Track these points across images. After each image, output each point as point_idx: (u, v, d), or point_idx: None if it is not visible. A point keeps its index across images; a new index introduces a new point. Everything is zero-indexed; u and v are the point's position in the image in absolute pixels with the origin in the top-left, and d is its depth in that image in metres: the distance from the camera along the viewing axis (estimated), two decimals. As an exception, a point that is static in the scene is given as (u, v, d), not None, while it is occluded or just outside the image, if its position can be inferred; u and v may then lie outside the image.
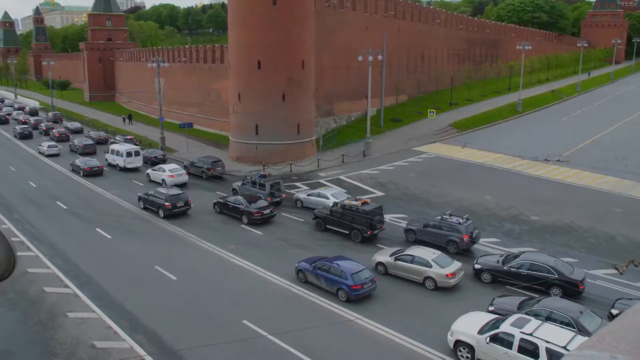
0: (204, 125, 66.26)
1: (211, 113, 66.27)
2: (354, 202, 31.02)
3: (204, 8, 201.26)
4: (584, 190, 40.81)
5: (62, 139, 63.32)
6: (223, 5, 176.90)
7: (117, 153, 49.40)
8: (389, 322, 21.27)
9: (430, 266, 24.15)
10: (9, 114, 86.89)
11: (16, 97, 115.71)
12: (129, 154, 48.70)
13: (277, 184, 37.64)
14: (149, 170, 45.34)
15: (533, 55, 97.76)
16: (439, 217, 29.85)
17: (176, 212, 35.21)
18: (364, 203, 30.87)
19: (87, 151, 55.25)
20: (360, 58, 53.37)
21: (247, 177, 39.74)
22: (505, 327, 18.10)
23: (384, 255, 26.24)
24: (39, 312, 22.55)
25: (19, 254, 27.17)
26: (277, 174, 45.47)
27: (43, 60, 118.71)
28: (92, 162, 48.86)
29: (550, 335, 17.33)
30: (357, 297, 23.08)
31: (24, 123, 75.48)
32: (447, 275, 23.86)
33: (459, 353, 18.84)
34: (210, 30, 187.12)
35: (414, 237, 29.86)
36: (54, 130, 67.32)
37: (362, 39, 61.28)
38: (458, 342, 18.84)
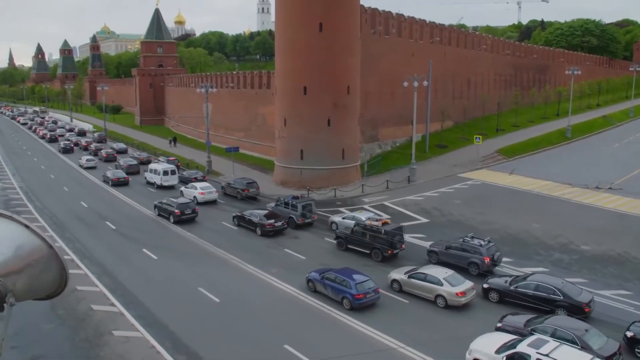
0: (250, 149, 67.28)
1: (257, 137, 67.27)
2: (374, 222, 32.12)
3: (252, 35, 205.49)
4: (637, 219, 39.48)
5: (109, 159, 68.06)
6: (270, 32, 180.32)
7: (155, 172, 52.74)
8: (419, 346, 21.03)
9: (442, 284, 24.82)
10: (61, 135, 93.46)
11: (71, 121, 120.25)
12: (165, 173, 51.89)
13: (308, 205, 38.72)
14: (182, 188, 48.07)
15: (583, 80, 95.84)
16: (461, 239, 30.21)
17: (184, 218, 39.49)
18: (384, 223, 31.95)
19: (131, 171, 58.48)
20: (405, 84, 53.49)
21: (280, 199, 40.74)
22: (522, 347, 18.39)
23: (399, 273, 27.03)
24: (86, 329, 23.21)
25: (69, 271, 27.87)
26: (321, 199, 45.70)
27: (98, 86, 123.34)
28: (119, 173, 55.67)
29: (566, 357, 17.54)
30: (360, 306, 24.49)
31: (85, 148, 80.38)
32: (457, 294, 24.45)
33: None
34: (258, 56, 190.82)
35: (437, 258, 30.20)
36: (102, 151, 71.74)
37: (407, 65, 61.45)
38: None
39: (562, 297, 23.68)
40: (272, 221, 36.33)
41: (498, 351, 18.97)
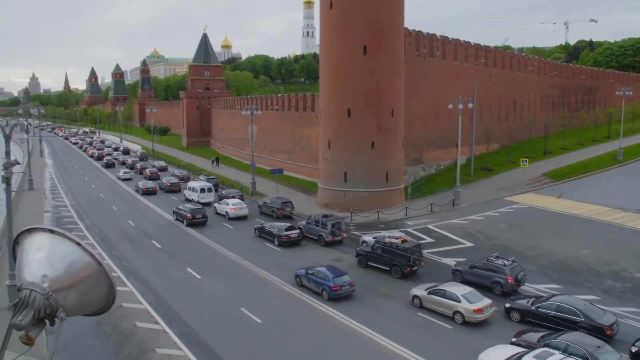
0: (294, 171, 67.70)
1: (301, 159, 67.70)
2: (394, 240, 32.92)
3: (297, 58, 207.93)
4: (694, 246, 37.82)
5: (153, 177, 71.26)
6: (315, 55, 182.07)
7: (193, 189, 55.38)
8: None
9: (460, 301, 25.40)
10: (109, 154, 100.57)
11: (121, 141, 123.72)
12: (202, 190, 54.48)
13: (338, 223, 39.96)
14: (216, 204, 51.03)
15: (635, 101, 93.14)
16: (485, 259, 30.52)
17: (195, 222, 45.26)
18: (404, 241, 32.73)
19: (173, 189, 61.73)
20: (450, 106, 53.14)
21: (311, 217, 41.93)
22: (528, 359, 18.86)
23: (420, 290, 27.78)
24: (130, 345, 23.56)
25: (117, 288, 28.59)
26: (364, 221, 45.54)
27: (147, 108, 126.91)
28: (148, 183, 63.06)
29: None
30: (336, 297, 28.27)
31: (123, 163, 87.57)
32: (474, 311, 24.95)
33: None
34: (302, 79, 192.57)
35: (461, 277, 30.54)
36: (146, 170, 75.18)
37: (451, 87, 61.07)
38: None
39: (583, 319, 23.56)
40: (288, 232, 39.33)
41: None
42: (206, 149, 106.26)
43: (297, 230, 40.23)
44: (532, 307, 25.19)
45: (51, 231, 3.18)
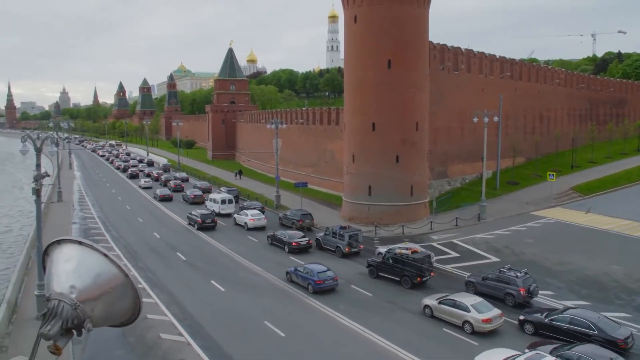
0: (318, 184, 67.79)
1: (325, 173, 67.79)
2: (404, 251, 33.65)
3: (321, 72, 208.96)
4: None
5: (177, 189, 73.12)
6: (339, 69, 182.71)
7: (214, 201, 56.65)
8: None
9: (469, 311, 25.73)
10: (134, 165, 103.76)
11: (148, 154, 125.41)
12: (223, 202, 55.74)
13: (355, 235, 40.55)
14: (235, 215, 52.20)
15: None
16: (498, 271, 30.78)
17: (205, 226, 48.93)
18: (414, 252, 33.49)
19: (197, 201, 62.48)
20: (475, 119, 52.85)
21: (328, 229, 42.57)
22: None
23: (431, 299, 28.18)
24: (155, 357, 23.70)
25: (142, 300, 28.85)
26: (389, 235, 45.33)
27: (173, 121, 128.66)
28: (165, 190, 68.96)
29: None
30: (320, 290, 31.39)
31: (148, 175, 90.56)
32: (482, 320, 25.24)
33: None
34: (327, 93, 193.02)
35: (474, 289, 30.75)
36: (170, 182, 77.32)
37: (477, 100, 60.76)
38: None
39: (596, 332, 23.46)
40: (297, 240, 41.25)
41: None
42: (231, 162, 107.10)
43: (306, 238, 41.96)
44: (546, 320, 25.22)
45: (80, 243, 3.24)
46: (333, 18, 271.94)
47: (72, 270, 3.15)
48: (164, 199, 66.31)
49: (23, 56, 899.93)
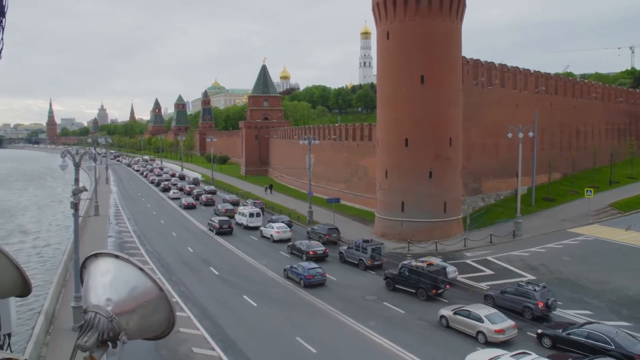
0: (351, 200, 67.66)
1: (358, 189, 67.64)
2: (420, 264, 34.34)
3: (354, 88, 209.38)
4: None
5: (208, 203, 76.90)
6: (372, 85, 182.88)
7: (243, 214, 59.28)
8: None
9: (482, 321, 26.38)
10: (167, 179, 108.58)
11: (182, 170, 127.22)
12: (251, 215, 58.26)
13: (378, 248, 41.39)
14: (262, 227, 54.88)
15: None
16: (516, 284, 31.21)
17: (222, 231, 54.36)
18: (429, 264, 34.08)
19: (228, 214, 63.75)
20: (509, 135, 52.19)
21: (352, 242, 43.59)
22: (505, 358, 21.34)
23: (447, 310, 28.89)
24: (188, 372, 23.77)
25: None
26: (422, 252, 44.89)
27: (207, 137, 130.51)
28: (189, 199, 76.04)
29: None
30: (310, 284, 35.78)
31: (181, 189, 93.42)
32: (495, 331, 25.81)
33: None
34: (359, 109, 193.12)
35: (493, 302, 30.96)
36: (202, 197, 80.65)
37: (511, 116, 60.10)
38: None
39: (613, 347, 23.32)
40: (314, 249, 43.80)
41: None
42: (264, 178, 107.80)
43: (323, 248, 44.46)
44: (563, 334, 25.31)
45: (116, 256, 3.30)
46: (365, 34, 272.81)
47: (108, 283, 3.20)
48: (188, 207, 73.57)
49: (64, 74, 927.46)
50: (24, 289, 4.04)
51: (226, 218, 57.62)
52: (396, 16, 49.01)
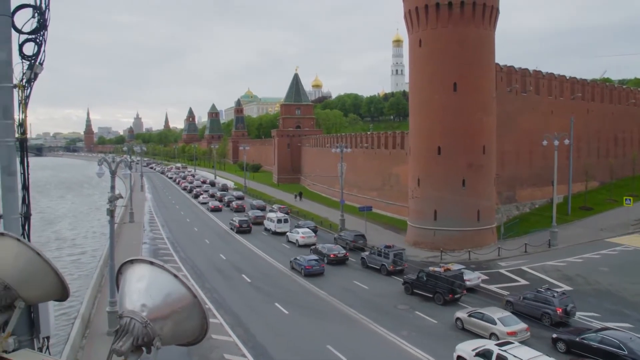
0: (383, 209, 67.36)
1: (390, 197, 67.32)
2: (437, 269, 35.34)
3: (386, 96, 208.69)
4: None
5: (239, 209, 78.48)
6: (404, 93, 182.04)
7: (271, 220, 61.40)
8: None
9: (495, 323, 27.22)
10: (198, 186, 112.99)
11: (215, 177, 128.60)
12: (279, 221, 60.03)
13: (399, 254, 42.42)
14: (288, 233, 56.33)
15: None
16: (535, 290, 31.67)
17: (241, 229, 60.20)
18: (447, 270, 35.03)
19: (258, 221, 66.00)
20: (545, 142, 51.34)
21: (373, 248, 45.29)
22: (490, 346, 23.62)
23: (462, 313, 29.90)
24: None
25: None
26: (454, 261, 44.37)
27: (240, 146, 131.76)
28: (215, 202, 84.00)
29: (520, 353, 22.23)
30: (309, 273, 40.77)
31: (212, 196, 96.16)
32: (507, 333, 26.41)
33: None
34: (391, 117, 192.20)
35: (512, 308, 31.27)
36: (233, 203, 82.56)
37: (546, 123, 59.16)
38: (459, 357, 24.45)
39: (626, 352, 23.30)
40: (335, 252, 45.66)
41: (474, 350, 23.68)
42: (296, 186, 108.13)
43: (344, 251, 46.26)
44: (577, 338, 25.55)
45: (151, 263, 3.36)
46: (397, 42, 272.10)
47: (143, 289, 3.26)
48: (215, 210, 79.90)
49: (101, 84, 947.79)
50: (62, 293, 4.15)
51: (245, 218, 63.88)
52: (428, 24, 48.82)
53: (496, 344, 23.49)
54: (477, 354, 23.42)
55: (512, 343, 23.59)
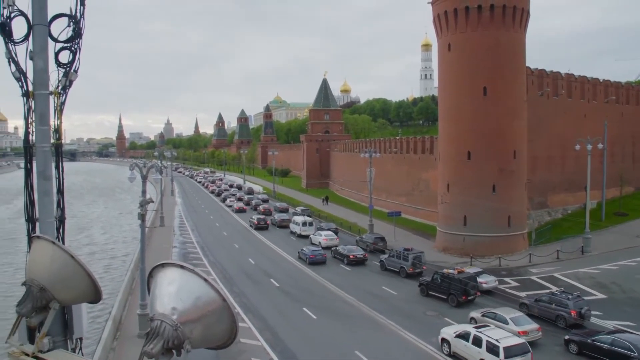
0: (412, 214, 66.94)
1: (419, 202, 66.89)
2: (451, 271, 36.35)
3: (415, 101, 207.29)
4: None
5: (266, 213, 79.11)
6: (433, 97, 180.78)
7: (296, 223, 63.24)
8: None
9: (507, 323, 27.79)
10: (226, 189, 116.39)
11: (244, 182, 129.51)
12: (303, 224, 61.88)
13: (418, 257, 42.94)
14: (311, 235, 57.88)
15: None
16: (550, 293, 32.46)
17: (260, 226, 66.75)
18: (460, 272, 36.09)
19: (284, 224, 68.62)
20: (577, 147, 50.45)
21: (392, 250, 45.73)
22: (468, 328, 26.18)
23: (476, 312, 30.87)
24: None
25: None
26: (485, 267, 43.87)
27: (269, 151, 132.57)
28: (240, 204, 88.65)
29: (493, 333, 24.72)
30: (313, 262, 46.42)
31: (240, 199, 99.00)
32: (519, 332, 26.74)
33: (442, 345, 27.12)
34: (421, 121, 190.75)
35: (527, 310, 31.72)
36: (260, 207, 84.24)
37: (579, 127, 58.10)
38: (442, 339, 27.19)
39: (637, 354, 23.52)
40: (354, 253, 47.30)
41: (455, 332, 26.46)
42: (325, 191, 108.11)
43: (363, 252, 47.90)
44: (589, 340, 25.86)
45: (181, 267, 3.40)
46: (426, 46, 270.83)
47: (174, 293, 3.30)
48: (239, 211, 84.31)
49: (133, 91, 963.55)
50: (95, 295, 4.25)
51: (263, 216, 70.70)
52: (457, 28, 48.48)
53: (474, 327, 26.07)
54: (457, 335, 25.98)
55: (488, 326, 26.07)
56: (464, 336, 25.61)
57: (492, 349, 23.51)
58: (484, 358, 23.92)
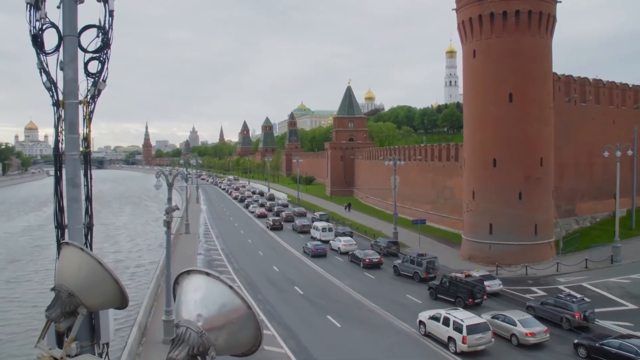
0: (436, 222, 66.45)
1: (444, 210, 66.38)
2: (459, 275, 37.42)
3: (439, 108, 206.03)
4: None
5: (288, 219, 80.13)
6: (458, 104, 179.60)
7: (317, 228, 65.42)
8: None
9: (515, 325, 28.87)
10: (249, 196, 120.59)
11: (269, 190, 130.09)
12: (323, 230, 63.80)
13: (432, 262, 43.71)
14: (331, 240, 59.70)
15: None
16: (555, 296, 33.28)
17: (275, 227, 73.09)
18: (468, 275, 36.92)
19: (304, 230, 70.15)
20: (606, 154, 49.65)
21: (406, 256, 46.84)
22: (440, 311, 29.75)
23: (487, 315, 31.09)
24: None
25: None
26: (511, 276, 43.37)
27: (293, 158, 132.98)
28: (261, 209, 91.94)
29: (459, 315, 28.44)
30: (315, 255, 53.15)
31: (262, 205, 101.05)
32: (526, 334, 28.16)
33: (420, 326, 30.62)
34: (445, 129, 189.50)
35: (534, 313, 32.33)
36: (282, 213, 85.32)
37: (607, 133, 57.17)
38: (420, 322, 30.75)
39: None
40: (370, 257, 49.16)
41: (430, 315, 29.97)
42: (349, 198, 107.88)
43: (378, 256, 49.65)
44: (597, 344, 26.24)
45: (207, 274, 3.43)
46: (451, 53, 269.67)
47: (199, 300, 3.33)
48: (260, 216, 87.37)
49: (159, 99, 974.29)
50: (122, 301, 4.30)
51: (278, 218, 77.40)
52: (482, 34, 48.18)
53: (445, 310, 29.59)
54: (430, 317, 29.67)
55: (457, 309, 30.07)
56: (435, 317, 29.34)
57: (457, 328, 27.33)
58: (451, 335, 27.63)
